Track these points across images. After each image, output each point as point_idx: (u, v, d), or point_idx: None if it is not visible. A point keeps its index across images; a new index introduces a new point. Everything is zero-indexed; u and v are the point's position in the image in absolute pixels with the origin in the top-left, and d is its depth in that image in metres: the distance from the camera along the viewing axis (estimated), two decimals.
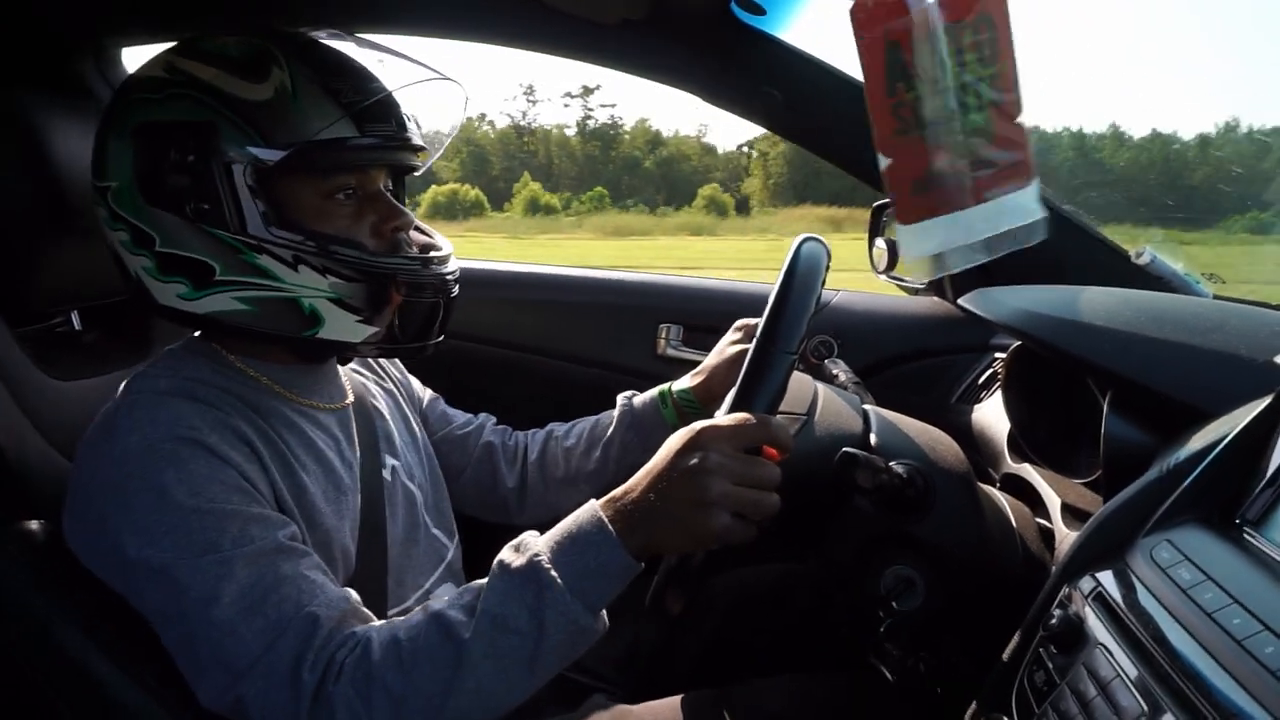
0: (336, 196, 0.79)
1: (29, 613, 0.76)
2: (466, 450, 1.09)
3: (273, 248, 0.75)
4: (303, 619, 0.66)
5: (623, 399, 1.09)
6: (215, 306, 0.77)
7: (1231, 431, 0.61)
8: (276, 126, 0.74)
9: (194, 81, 0.75)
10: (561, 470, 1.08)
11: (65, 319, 0.97)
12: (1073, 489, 0.82)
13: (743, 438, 0.65)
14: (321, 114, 0.76)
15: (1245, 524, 0.58)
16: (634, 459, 1.05)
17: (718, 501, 0.63)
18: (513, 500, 1.09)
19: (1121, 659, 0.54)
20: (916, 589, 0.73)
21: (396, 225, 0.82)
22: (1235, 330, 0.73)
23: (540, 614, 0.64)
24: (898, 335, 1.40)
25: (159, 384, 0.76)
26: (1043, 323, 0.79)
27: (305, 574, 0.70)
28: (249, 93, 0.75)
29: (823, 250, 0.74)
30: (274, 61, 0.76)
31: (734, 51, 1.19)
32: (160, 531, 0.68)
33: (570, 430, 1.11)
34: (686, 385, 1.05)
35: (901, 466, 0.73)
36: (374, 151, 0.80)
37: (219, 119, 0.74)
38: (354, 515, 0.83)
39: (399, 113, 0.82)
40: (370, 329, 0.80)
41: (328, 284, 0.76)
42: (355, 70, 0.81)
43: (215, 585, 0.66)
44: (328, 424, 0.86)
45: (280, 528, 0.72)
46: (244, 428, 0.75)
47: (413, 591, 0.89)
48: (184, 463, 0.70)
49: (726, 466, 0.63)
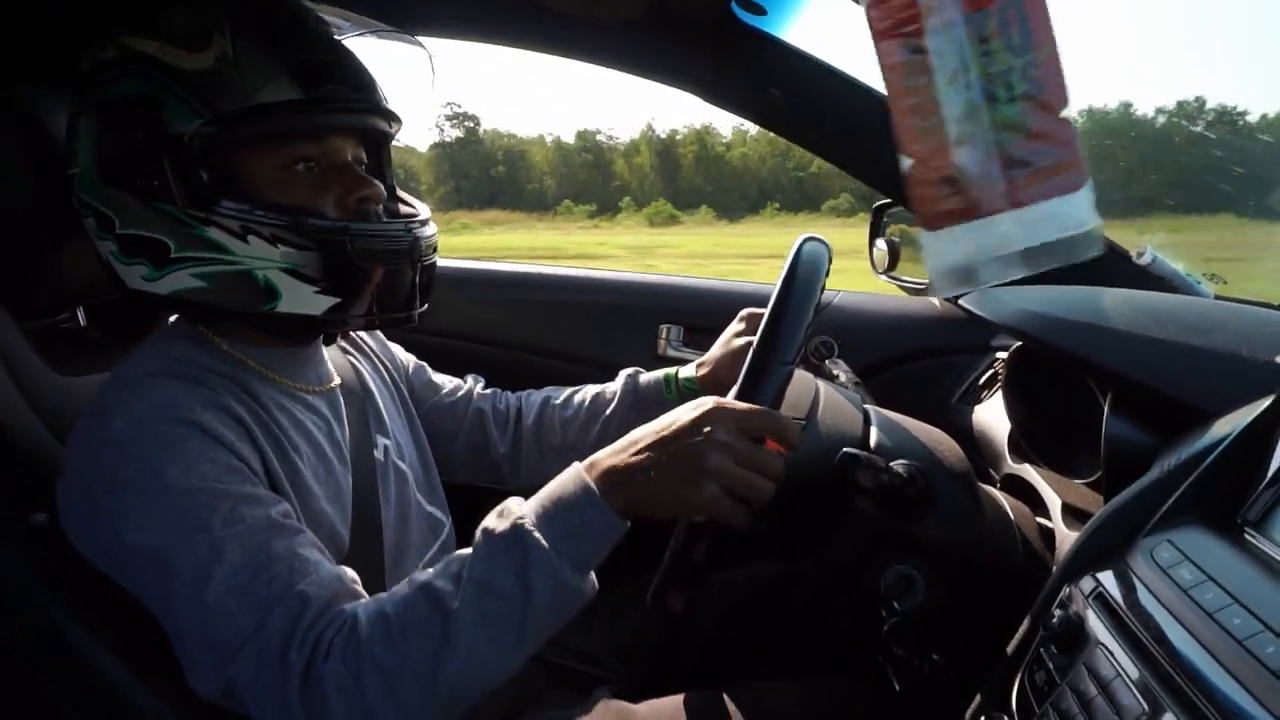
0: (295, 168, 0.76)
1: (35, 608, 0.76)
2: (456, 417, 1.08)
3: (220, 219, 0.73)
4: (292, 597, 0.65)
5: (626, 375, 1.09)
6: (176, 285, 0.75)
7: (1233, 432, 0.61)
8: (218, 95, 0.72)
9: (140, 56, 0.74)
10: (559, 439, 1.07)
11: (71, 315, 0.98)
12: (1073, 489, 0.82)
13: (752, 422, 0.65)
14: (264, 77, 0.73)
15: (1246, 524, 0.58)
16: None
17: (712, 473, 0.63)
18: (505, 465, 1.09)
19: (1122, 659, 0.54)
20: (917, 588, 0.73)
21: (361, 196, 0.78)
22: (1236, 330, 0.73)
23: (526, 576, 0.63)
24: (898, 335, 1.40)
25: (147, 366, 0.75)
26: (1043, 323, 0.79)
27: (298, 551, 0.68)
28: (190, 62, 0.73)
29: (824, 251, 0.74)
30: (215, 28, 0.74)
31: (735, 52, 1.19)
32: (152, 514, 0.67)
33: (569, 399, 1.09)
34: (692, 374, 1.05)
35: (902, 466, 0.73)
36: (323, 115, 0.76)
37: (162, 92, 0.72)
38: (346, 497, 0.83)
39: (355, 75, 0.78)
40: (330, 300, 0.76)
41: (279, 254, 0.73)
42: (305, 32, 0.78)
43: (206, 566, 0.65)
44: (317, 406, 0.85)
45: (273, 505, 0.71)
46: (235, 406, 0.74)
47: (409, 569, 0.89)
48: (175, 443, 0.69)
49: (730, 445, 0.64)
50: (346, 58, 0.78)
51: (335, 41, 0.78)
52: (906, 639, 0.80)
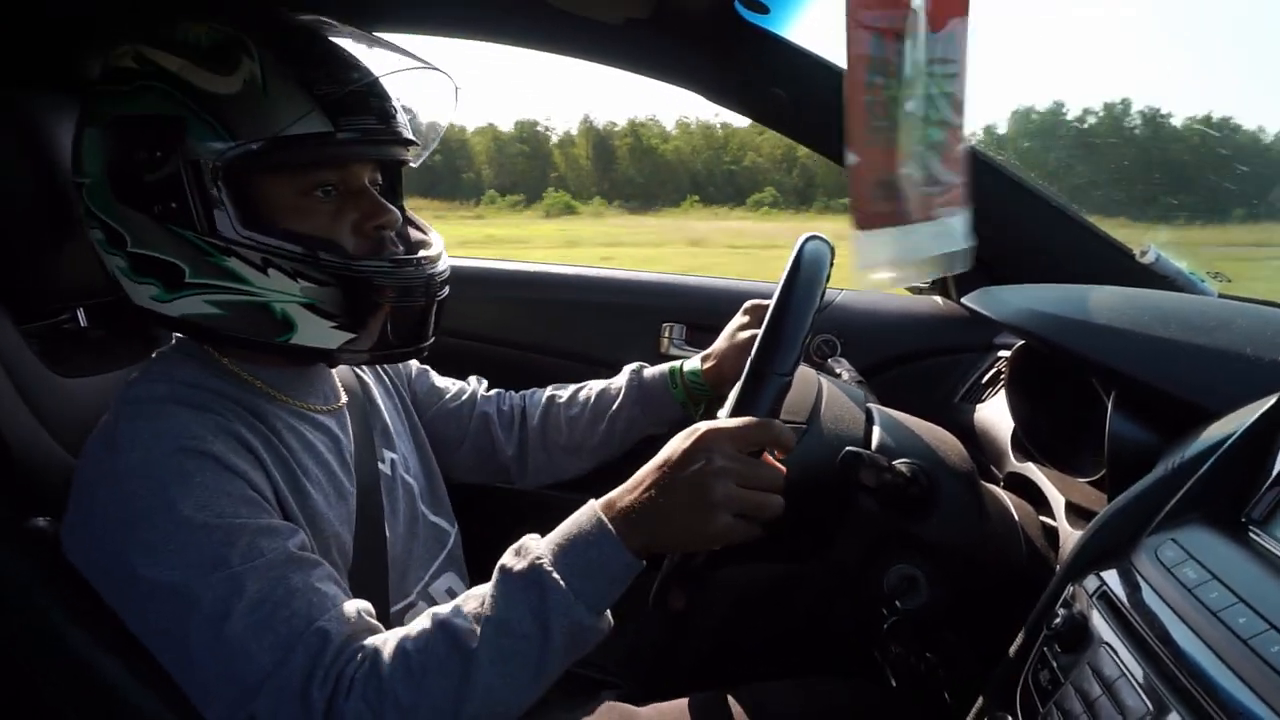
0: (315, 194, 0.75)
1: (36, 611, 0.75)
2: (461, 422, 1.08)
3: (241, 250, 0.72)
4: (313, 634, 0.65)
5: (630, 371, 1.08)
6: (187, 309, 0.74)
7: (1237, 430, 0.61)
8: (244, 121, 0.71)
9: (161, 73, 0.72)
10: (565, 438, 1.07)
11: (71, 316, 0.97)
12: (1077, 488, 0.82)
13: (746, 439, 0.65)
14: (293, 107, 0.72)
15: (1251, 523, 0.58)
16: (640, 433, 1.07)
17: (722, 503, 0.63)
18: (513, 467, 1.09)
19: (1126, 658, 0.53)
20: (920, 588, 0.73)
21: (380, 224, 0.78)
22: (1241, 329, 0.73)
23: (544, 617, 0.64)
24: (901, 334, 1.40)
25: (155, 390, 0.74)
26: (1047, 322, 0.79)
27: (316, 586, 0.68)
28: (216, 85, 0.71)
29: (826, 251, 0.74)
30: (244, 51, 0.72)
31: (738, 51, 1.19)
32: (168, 549, 0.66)
33: (573, 397, 1.09)
34: (696, 367, 1.05)
35: (905, 465, 0.73)
36: (350, 147, 0.75)
37: (186, 113, 0.71)
38: (354, 515, 0.82)
39: (381, 104, 0.77)
40: (347, 335, 0.76)
41: (299, 288, 0.73)
42: (334, 59, 0.76)
43: (225, 602, 0.65)
44: (326, 425, 0.84)
45: (290, 536, 0.70)
46: (245, 433, 0.74)
47: (415, 584, 0.89)
48: (188, 476, 0.68)
49: (730, 469, 0.64)
50: (374, 88, 0.77)
51: (363, 71, 0.77)
52: (909, 638, 0.80)
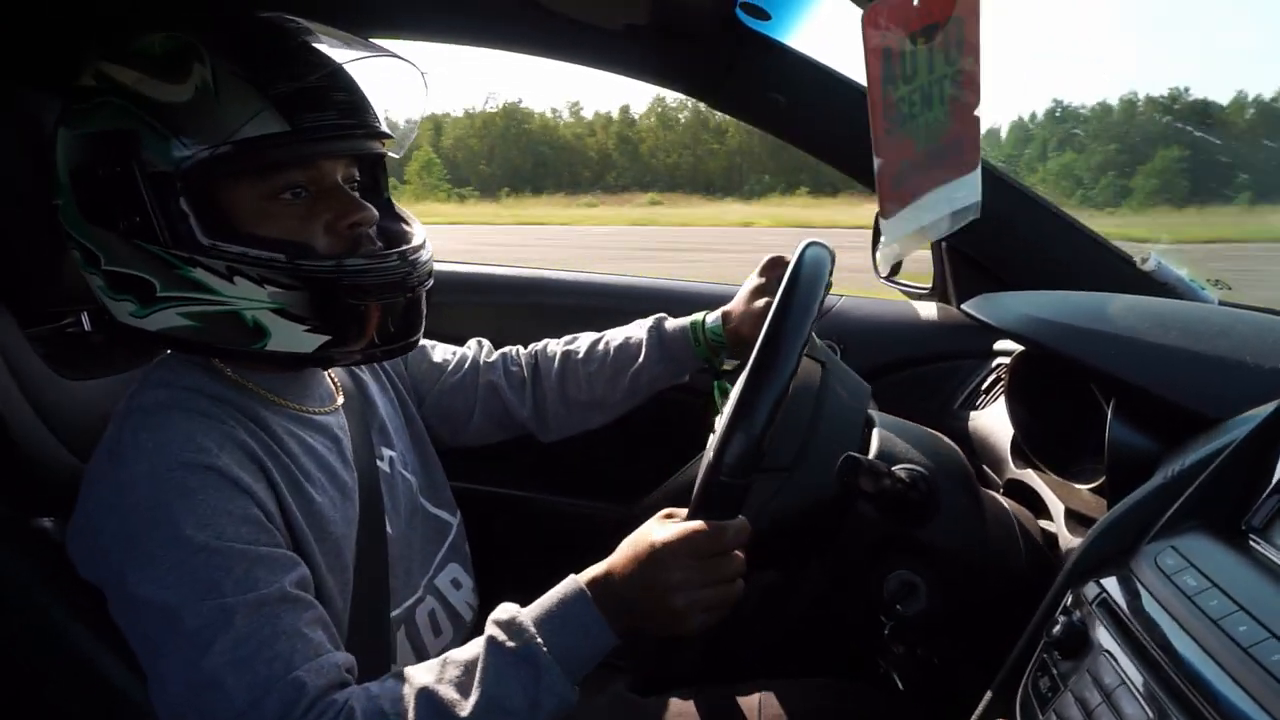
0: (282, 196, 0.73)
1: (38, 609, 0.76)
2: (466, 392, 1.06)
3: (205, 260, 0.70)
4: (289, 683, 0.64)
5: (650, 326, 1.06)
6: (164, 324, 0.73)
7: (1237, 438, 0.61)
8: (198, 128, 0.69)
9: (116, 88, 0.71)
10: (585, 394, 1.05)
11: (75, 320, 0.98)
12: (1077, 495, 0.82)
13: (699, 551, 0.67)
14: (245, 108, 0.69)
15: (1251, 531, 0.58)
16: (662, 386, 1.06)
17: (685, 610, 0.67)
18: (532, 424, 1.07)
19: (1126, 666, 0.53)
20: (919, 593, 0.73)
21: (353, 222, 0.75)
22: (1241, 336, 0.73)
23: (535, 695, 0.65)
24: (901, 340, 1.40)
25: (158, 396, 0.74)
26: (1047, 328, 0.79)
27: (303, 631, 0.67)
28: (168, 94, 0.70)
29: (826, 257, 0.74)
30: (196, 58, 0.71)
31: (738, 56, 1.19)
32: (165, 567, 0.65)
33: (591, 352, 1.06)
34: (718, 323, 1.03)
35: (904, 471, 0.73)
36: (310, 144, 0.73)
37: (140, 126, 0.70)
38: (357, 515, 0.82)
39: (345, 98, 0.75)
40: (321, 337, 0.74)
41: (267, 294, 0.71)
42: (289, 56, 0.74)
43: (211, 632, 0.64)
44: (324, 426, 0.84)
45: (288, 571, 0.69)
46: (250, 442, 0.73)
47: (420, 578, 0.89)
48: (193, 493, 0.67)
49: (688, 579, 0.66)
50: (333, 81, 0.74)
51: (323, 64, 0.74)
52: (908, 644, 0.80)
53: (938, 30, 0.73)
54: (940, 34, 0.73)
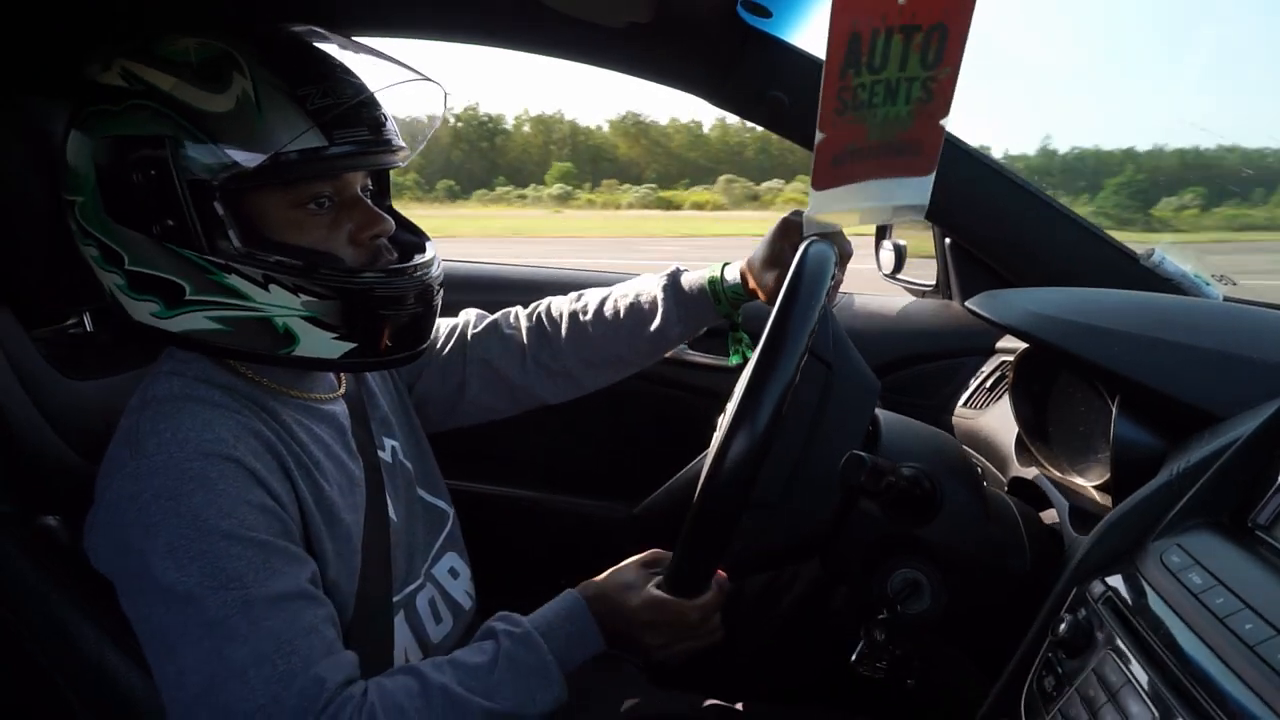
0: (309, 206, 0.76)
1: (45, 608, 0.76)
2: (455, 370, 1.03)
3: (242, 267, 0.72)
4: (310, 678, 0.65)
5: (663, 284, 1.00)
6: (189, 325, 0.74)
7: (1242, 435, 0.61)
8: (240, 139, 0.71)
9: (152, 91, 0.72)
10: (600, 353, 1.02)
11: (78, 320, 0.98)
12: (1081, 492, 0.82)
13: (672, 624, 0.77)
14: (287, 124, 0.72)
15: (1257, 528, 0.58)
16: (681, 342, 1.03)
17: (666, 660, 0.78)
18: (537, 389, 1.04)
19: (1132, 664, 0.53)
20: (923, 592, 0.72)
21: (375, 233, 0.79)
22: (1246, 333, 0.73)
23: (545, 704, 0.74)
24: (905, 338, 1.40)
25: (173, 385, 0.74)
26: (1051, 325, 0.78)
27: (319, 628, 0.69)
28: (209, 103, 0.71)
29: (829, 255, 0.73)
30: (235, 68, 0.72)
31: (740, 55, 1.19)
32: (188, 556, 0.66)
33: (601, 312, 1.01)
34: (737, 282, 0.97)
35: (908, 469, 0.73)
36: (346, 159, 0.76)
37: (180, 133, 0.71)
38: (364, 504, 0.83)
39: (373, 115, 0.78)
40: (348, 344, 0.76)
41: (300, 302, 0.73)
42: (326, 73, 0.76)
43: (234, 623, 0.65)
44: (330, 413, 0.85)
45: (303, 566, 0.71)
46: (265, 432, 0.74)
47: (421, 565, 0.89)
48: (213, 483, 0.68)
49: (666, 645, 0.78)
50: (367, 101, 0.77)
51: (356, 84, 0.77)
52: (911, 643, 0.80)
53: (917, 33, 0.73)
54: (920, 36, 0.73)
